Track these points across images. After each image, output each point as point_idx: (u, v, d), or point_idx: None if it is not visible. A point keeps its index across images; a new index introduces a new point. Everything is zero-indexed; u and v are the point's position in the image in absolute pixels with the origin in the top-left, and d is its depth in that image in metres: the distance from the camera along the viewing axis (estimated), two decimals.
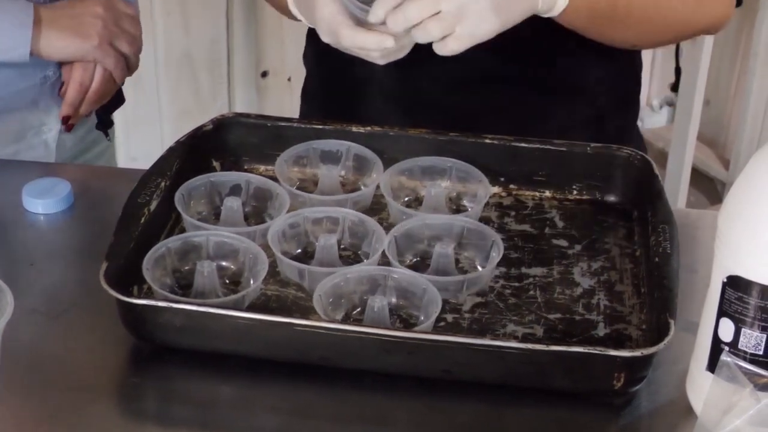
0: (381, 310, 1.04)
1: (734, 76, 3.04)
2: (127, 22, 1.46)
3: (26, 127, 1.50)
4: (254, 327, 1.00)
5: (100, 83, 1.45)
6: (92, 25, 1.42)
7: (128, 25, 1.46)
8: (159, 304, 1.01)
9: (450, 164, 1.24)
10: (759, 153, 0.89)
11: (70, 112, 1.45)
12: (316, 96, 1.49)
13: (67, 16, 1.42)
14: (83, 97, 1.45)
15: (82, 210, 1.27)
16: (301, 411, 1.00)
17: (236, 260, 1.12)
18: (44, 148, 1.52)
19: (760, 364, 0.91)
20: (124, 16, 1.46)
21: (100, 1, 1.44)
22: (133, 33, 1.47)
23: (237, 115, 1.30)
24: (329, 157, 1.26)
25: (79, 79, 1.44)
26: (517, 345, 0.97)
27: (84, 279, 1.12)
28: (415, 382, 1.01)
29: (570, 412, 1.00)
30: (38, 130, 1.51)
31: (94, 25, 1.42)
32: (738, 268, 0.90)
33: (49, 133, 1.51)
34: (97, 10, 1.43)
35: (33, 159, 1.49)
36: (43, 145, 1.52)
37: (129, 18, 1.47)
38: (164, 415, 1.02)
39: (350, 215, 1.16)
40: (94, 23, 1.42)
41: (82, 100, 1.45)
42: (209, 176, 1.22)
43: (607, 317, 1.08)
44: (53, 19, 1.40)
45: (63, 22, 1.41)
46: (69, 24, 1.42)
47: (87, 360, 1.04)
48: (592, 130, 1.35)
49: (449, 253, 1.11)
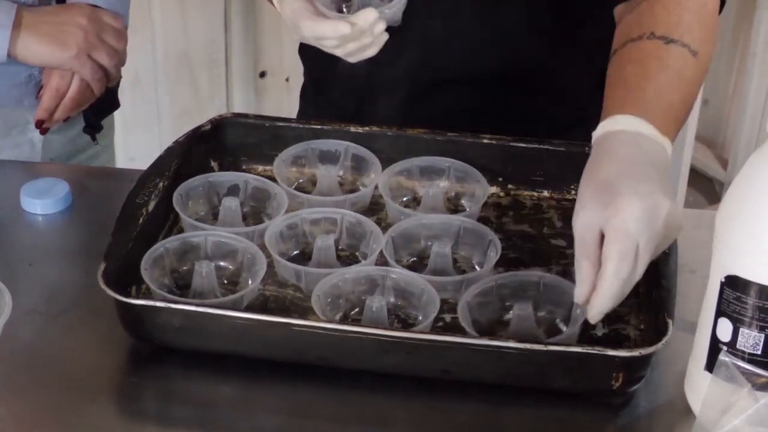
0: (379, 311, 1.04)
1: (732, 76, 3.04)
2: (111, 35, 1.46)
3: (11, 124, 1.51)
4: (252, 327, 1.00)
5: (76, 92, 1.45)
6: (73, 34, 1.42)
7: (111, 38, 1.46)
8: (157, 304, 1.01)
9: (448, 164, 1.24)
10: (757, 153, 0.89)
11: (44, 117, 1.45)
12: (313, 96, 1.49)
13: (49, 23, 1.42)
14: (58, 103, 1.45)
15: (81, 210, 1.27)
16: (300, 411, 1.00)
17: (234, 260, 1.12)
18: (30, 147, 1.53)
19: (758, 364, 0.91)
20: (108, 29, 1.46)
21: (85, 12, 1.44)
22: (114, 46, 1.47)
23: (235, 115, 1.30)
24: (327, 157, 1.26)
25: (55, 85, 1.44)
26: (515, 345, 0.97)
27: (82, 279, 1.12)
28: (414, 382, 1.01)
29: (569, 412, 1.00)
30: (23, 128, 1.52)
31: (74, 35, 1.42)
32: (736, 267, 0.90)
33: (34, 132, 1.51)
34: (80, 20, 1.43)
35: (19, 158, 1.49)
36: (29, 144, 1.52)
37: (113, 31, 1.47)
38: (163, 415, 1.02)
39: (348, 216, 1.16)
40: (75, 33, 1.42)
41: (57, 106, 1.46)
42: (207, 176, 1.22)
43: (606, 317, 1.07)
44: (34, 24, 1.41)
45: (44, 28, 1.41)
46: (49, 31, 1.42)
47: (86, 360, 1.04)
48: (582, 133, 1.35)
49: (447, 252, 1.11)
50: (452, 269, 1.12)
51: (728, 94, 3.08)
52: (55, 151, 1.56)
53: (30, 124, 1.51)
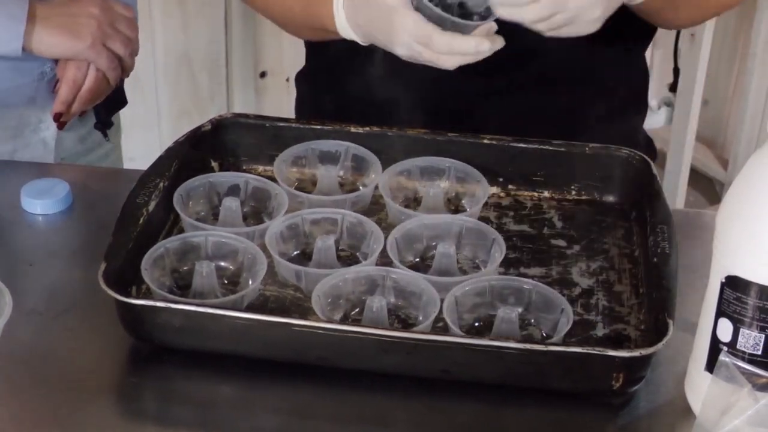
0: (379, 311, 1.04)
1: (732, 77, 3.04)
2: (123, 24, 1.46)
3: (23, 123, 1.50)
4: (253, 327, 1.00)
5: (93, 83, 1.45)
6: (86, 25, 1.42)
7: (124, 26, 1.46)
8: (157, 304, 1.01)
9: (448, 164, 1.24)
10: (757, 153, 0.89)
11: (62, 110, 1.45)
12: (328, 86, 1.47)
13: (62, 15, 1.42)
14: (76, 95, 1.45)
15: (81, 210, 1.27)
16: (300, 411, 1.00)
17: (235, 260, 1.12)
18: (43, 146, 1.52)
19: (758, 364, 0.91)
20: (120, 18, 1.46)
21: (97, 2, 1.44)
22: (128, 35, 1.47)
23: (235, 115, 1.30)
24: (328, 157, 1.26)
25: (72, 77, 1.44)
26: (515, 345, 0.97)
27: (83, 279, 1.12)
28: (414, 383, 1.01)
29: (569, 413, 1.00)
30: (36, 127, 1.51)
31: (88, 25, 1.42)
32: (736, 268, 0.90)
33: (47, 131, 1.51)
34: (92, 10, 1.43)
35: (32, 158, 1.49)
36: (41, 144, 1.52)
37: (125, 20, 1.47)
38: (163, 415, 1.02)
39: (348, 216, 1.16)
40: (88, 23, 1.42)
41: (75, 98, 1.45)
42: (208, 176, 1.22)
43: (606, 317, 1.08)
44: (47, 17, 1.40)
45: (57, 20, 1.41)
46: (63, 22, 1.42)
47: (86, 360, 1.04)
48: (604, 129, 1.35)
49: (451, 253, 1.11)
50: (457, 270, 1.12)
51: (728, 95, 3.08)
52: (67, 151, 1.56)
53: (43, 123, 1.51)
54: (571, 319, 1.02)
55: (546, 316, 1.06)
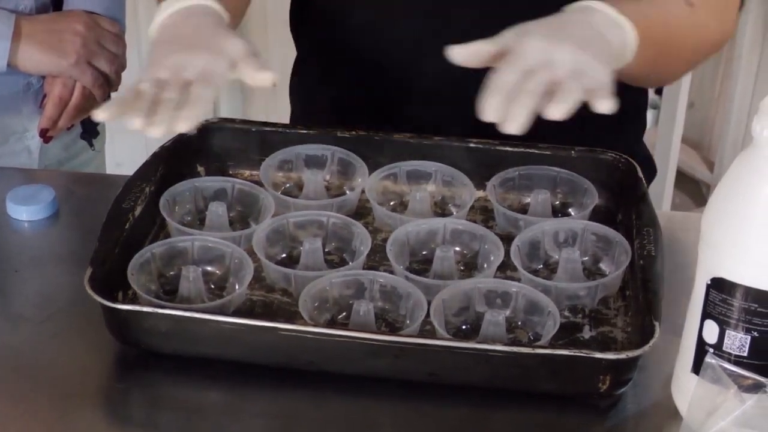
0: (366, 314, 1.04)
1: (718, 79, 3.05)
2: (109, 41, 1.46)
3: (9, 132, 1.50)
4: (239, 332, 1.00)
5: (79, 99, 1.45)
6: (71, 42, 1.42)
7: (110, 43, 1.46)
8: (144, 309, 1.01)
9: (435, 168, 1.24)
10: (742, 155, 0.89)
11: (48, 126, 1.45)
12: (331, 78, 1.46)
13: (47, 32, 1.42)
14: (62, 112, 1.45)
15: (67, 216, 1.26)
16: (287, 415, 1.00)
17: (221, 265, 1.12)
18: (27, 154, 1.52)
19: (744, 366, 0.91)
20: (106, 35, 1.46)
21: (82, 19, 1.44)
22: (114, 51, 1.47)
23: (222, 120, 1.30)
24: (314, 161, 1.26)
25: (58, 93, 1.44)
26: (502, 348, 0.97)
27: (69, 285, 1.12)
28: (401, 386, 1.01)
29: (556, 415, 1.00)
30: (21, 136, 1.51)
31: (73, 42, 1.42)
32: (722, 270, 0.91)
33: (32, 140, 1.51)
34: (77, 27, 1.43)
35: (16, 165, 1.48)
36: (26, 152, 1.52)
37: (111, 36, 1.47)
38: (150, 420, 1.02)
39: (334, 218, 1.16)
40: (73, 41, 1.42)
41: (61, 115, 1.45)
42: (194, 181, 1.22)
43: (593, 320, 1.08)
44: (32, 34, 1.41)
45: (42, 37, 1.41)
46: (48, 39, 1.42)
47: (72, 366, 1.04)
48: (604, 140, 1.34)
49: (450, 256, 1.11)
50: (456, 273, 1.12)
51: (714, 97, 3.09)
52: (51, 158, 1.56)
53: (28, 132, 1.50)
54: (558, 321, 1.02)
55: (533, 318, 1.06)
